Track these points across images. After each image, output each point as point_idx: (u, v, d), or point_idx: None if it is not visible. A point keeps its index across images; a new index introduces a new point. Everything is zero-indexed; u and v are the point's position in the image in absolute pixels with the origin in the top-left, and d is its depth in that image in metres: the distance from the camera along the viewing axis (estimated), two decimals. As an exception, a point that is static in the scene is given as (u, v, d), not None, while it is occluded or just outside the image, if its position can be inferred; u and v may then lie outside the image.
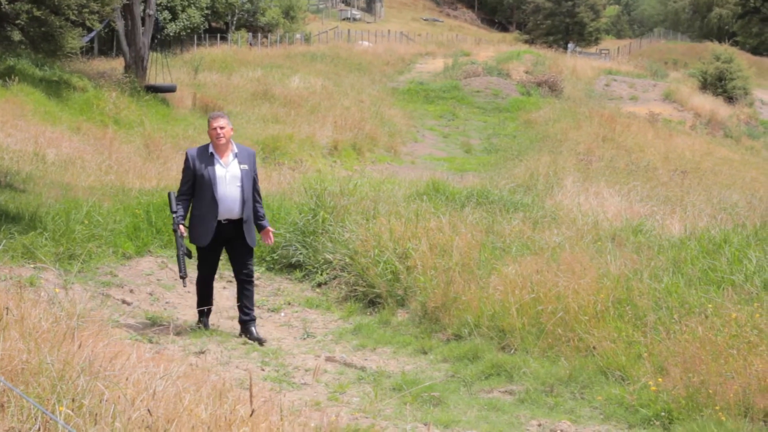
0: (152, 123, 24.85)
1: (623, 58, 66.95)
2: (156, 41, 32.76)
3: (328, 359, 8.29)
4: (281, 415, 4.97)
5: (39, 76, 25.25)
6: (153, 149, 21.24)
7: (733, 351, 6.74)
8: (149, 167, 18.66)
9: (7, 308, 5.37)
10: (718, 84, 50.31)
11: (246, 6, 54.43)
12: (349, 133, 28.81)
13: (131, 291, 9.96)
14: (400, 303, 9.68)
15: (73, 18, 21.20)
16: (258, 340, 8.64)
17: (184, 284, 8.67)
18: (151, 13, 30.87)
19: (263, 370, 7.89)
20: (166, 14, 44.69)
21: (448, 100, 40.28)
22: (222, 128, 8.47)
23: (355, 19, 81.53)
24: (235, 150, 8.59)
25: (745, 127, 43.41)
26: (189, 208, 8.61)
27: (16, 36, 21.29)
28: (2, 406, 4.33)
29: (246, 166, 8.57)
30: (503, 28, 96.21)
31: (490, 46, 63.46)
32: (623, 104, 43.76)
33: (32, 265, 9.55)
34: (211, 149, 8.52)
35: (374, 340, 8.90)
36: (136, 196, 13.04)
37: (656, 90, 48.29)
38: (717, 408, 6.27)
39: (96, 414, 4.34)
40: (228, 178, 8.46)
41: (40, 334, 5.23)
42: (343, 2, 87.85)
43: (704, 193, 18.37)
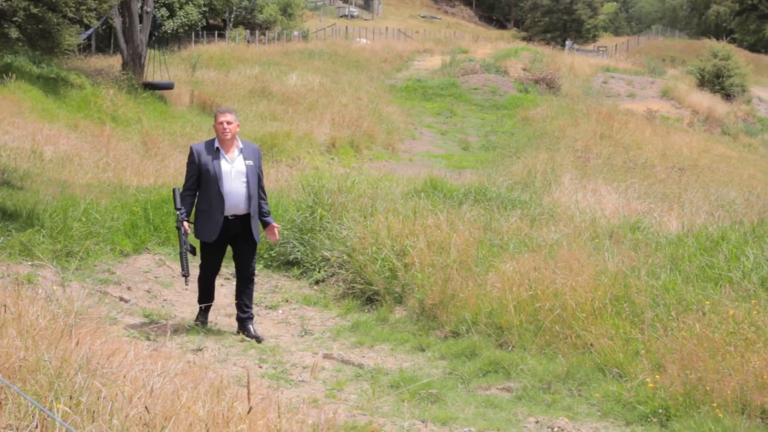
0: (150, 120, 24.84)
1: (621, 56, 66.93)
2: (154, 38, 32.68)
3: (326, 356, 8.29)
4: (279, 413, 4.96)
5: (36, 74, 25.23)
6: (150, 146, 21.23)
7: (730, 348, 6.74)
8: (147, 164, 18.64)
9: (4, 305, 5.37)
10: (715, 81, 50.30)
11: (244, 3, 54.44)
12: (347, 131, 28.79)
13: (129, 288, 9.95)
14: (398, 300, 9.68)
15: (70, 15, 21.18)
16: (256, 338, 8.64)
17: (186, 282, 8.63)
18: (148, 10, 30.84)
19: (261, 367, 7.89)
20: (164, 11, 44.68)
21: (445, 98, 40.26)
22: (229, 123, 8.41)
23: (352, 17, 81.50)
24: (240, 146, 8.54)
25: (743, 124, 43.40)
26: (194, 204, 8.56)
27: (14, 33, 21.29)
28: (0, 403, 4.33)
29: (251, 162, 8.52)
30: (501, 26, 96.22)
31: (488, 44, 63.40)
32: (621, 101, 43.72)
33: (30, 263, 9.55)
34: (216, 144, 8.46)
35: (372, 337, 8.90)
36: (133, 194, 13.04)
37: (654, 87, 48.27)
38: (714, 405, 6.27)
39: (93, 411, 4.34)
40: (233, 174, 8.41)
41: (38, 331, 5.23)
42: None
43: (702, 190, 18.36)
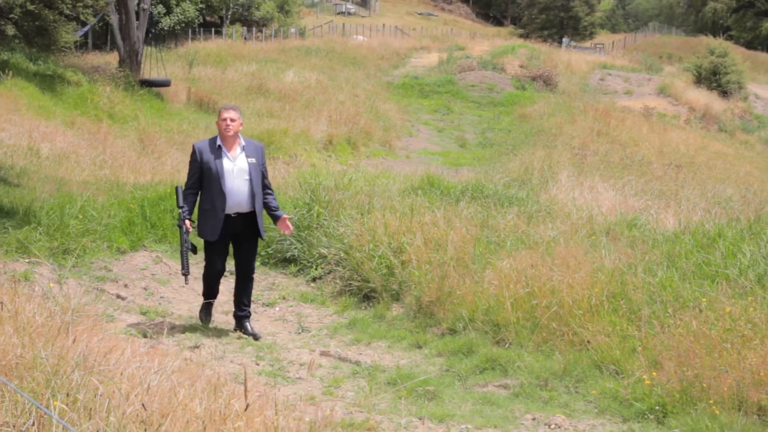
0: (147, 117, 24.81)
1: (618, 53, 66.93)
2: (150, 35, 32.61)
3: (323, 354, 8.30)
4: (276, 410, 4.97)
5: (33, 71, 25.19)
6: (147, 144, 21.20)
7: (727, 345, 6.75)
8: (144, 162, 18.63)
9: (1, 303, 5.37)
10: (712, 78, 50.32)
11: (240, 0, 54.35)
12: (344, 128, 28.78)
13: (126, 286, 9.95)
14: (395, 297, 9.69)
15: (67, 12, 21.17)
16: (253, 335, 8.63)
17: (186, 281, 8.57)
18: (145, 7, 30.78)
19: (258, 364, 7.89)
20: (161, 8, 44.61)
21: (442, 95, 40.25)
22: (232, 120, 8.37)
23: (349, 14, 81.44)
24: (242, 143, 8.50)
25: (740, 121, 43.43)
26: (196, 202, 8.53)
27: (10, 30, 21.28)
28: (-4, 400, 4.33)
29: (254, 160, 8.47)
30: (498, 23, 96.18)
31: (485, 41, 63.41)
32: (618, 98, 43.76)
33: (26, 260, 9.53)
34: (218, 142, 8.42)
35: (369, 334, 8.91)
36: (130, 191, 13.02)
37: (651, 84, 48.30)
38: (711, 402, 6.28)
39: (90, 408, 4.34)
40: (236, 172, 8.37)
41: (35, 328, 5.23)
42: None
43: (698, 188, 18.37)
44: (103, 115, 23.71)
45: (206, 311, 8.90)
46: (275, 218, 8.78)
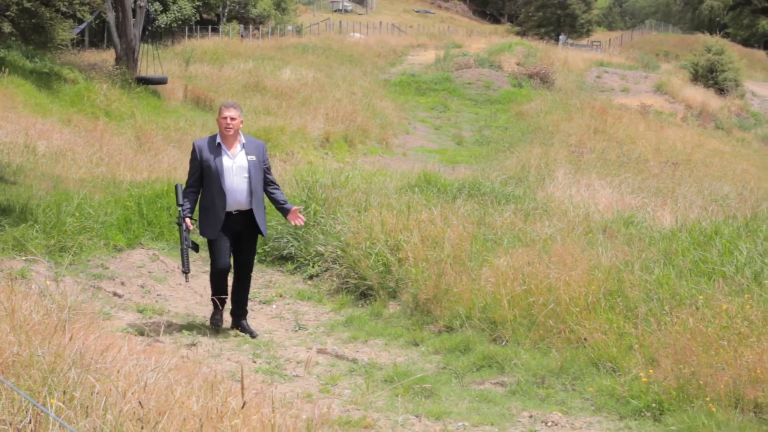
0: (143, 115, 24.80)
1: (615, 50, 66.94)
2: (147, 33, 32.64)
3: (320, 351, 8.30)
4: (273, 407, 4.96)
5: (29, 68, 25.18)
6: (144, 141, 21.18)
7: (723, 342, 6.76)
8: (140, 159, 18.62)
9: (-3, 301, 5.36)
10: (709, 76, 50.36)
11: (237, -3, 54.36)
12: (341, 125, 28.78)
13: (122, 283, 9.94)
14: (392, 295, 9.69)
15: (63, 9, 21.15)
16: (250, 333, 8.63)
17: (186, 279, 8.49)
18: (142, 4, 30.77)
19: (255, 362, 7.89)
20: (157, 6, 44.59)
21: (439, 92, 40.26)
22: (233, 119, 8.33)
23: (346, 11, 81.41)
24: (242, 141, 8.46)
25: (736, 118, 43.50)
26: (197, 200, 8.48)
27: (7, 27, 21.24)
28: (-7, 398, 4.33)
29: (254, 157, 8.43)
30: (495, 20, 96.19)
31: (482, 38, 63.43)
32: (615, 96, 43.79)
33: (23, 258, 9.53)
34: (218, 140, 8.40)
35: (366, 332, 8.91)
36: (127, 189, 13.01)
37: (648, 82, 48.34)
38: (707, 399, 6.29)
39: (87, 406, 4.33)
40: (235, 169, 8.34)
41: (31, 326, 5.22)
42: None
43: (695, 185, 18.38)
44: (99, 113, 23.71)
45: (217, 317, 8.72)
46: (284, 212, 8.72)
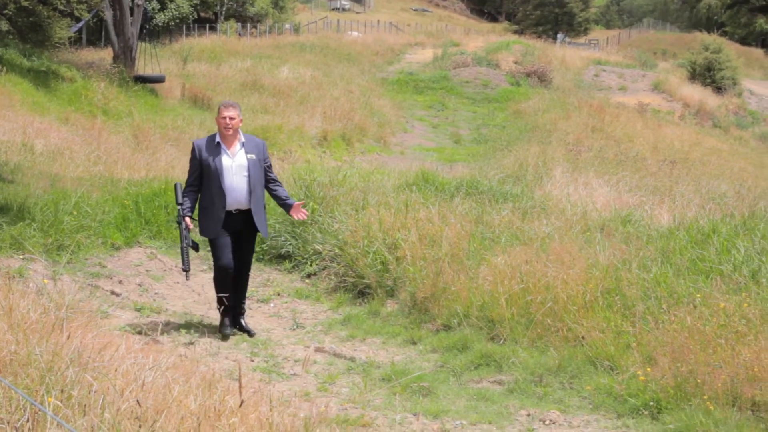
0: (141, 113, 24.79)
1: (612, 49, 66.98)
2: (145, 31, 32.62)
3: (318, 350, 8.30)
4: (270, 406, 4.97)
5: (27, 67, 25.15)
6: (142, 140, 21.17)
7: (721, 341, 6.76)
8: (138, 158, 18.60)
9: (-5, 299, 5.36)
10: (706, 74, 50.37)
11: (235, -4, 54.34)
12: (339, 124, 28.78)
13: (120, 282, 9.94)
14: (390, 293, 9.68)
15: (61, 8, 21.16)
16: (247, 331, 8.62)
17: (186, 278, 8.44)
18: (139, 3, 30.75)
19: (252, 360, 7.89)
20: (155, 4, 44.56)
21: (437, 91, 40.26)
22: (232, 118, 8.28)
23: (344, 10, 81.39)
24: (242, 140, 8.43)
25: (734, 117, 43.50)
26: (197, 200, 8.44)
27: (4, 26, 21.24)
28: (-9, 397, 4.32)
29: (253, 156, 8.40)
30: (492, 19, 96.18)
31: (480, 37, 63.44)
32: (612, 94, 43.79)
33: (21, 256, 9.52)
34: (217, 139, 8.36)
35: (364, 330, 8.90)
36: (124, 187, 13.00)
37: (645, 80, 48.33)
38: (705, 397, 6.29)
39: (85, 405, 4.33)
40: (234, 168, 8.30)
41: (29, 325, 5.22)
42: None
43: (693, 183, 18.39)
44: (97, 111, 23.69)
45: (227, 332, 8.52)
46: (287, 207, 8.67)
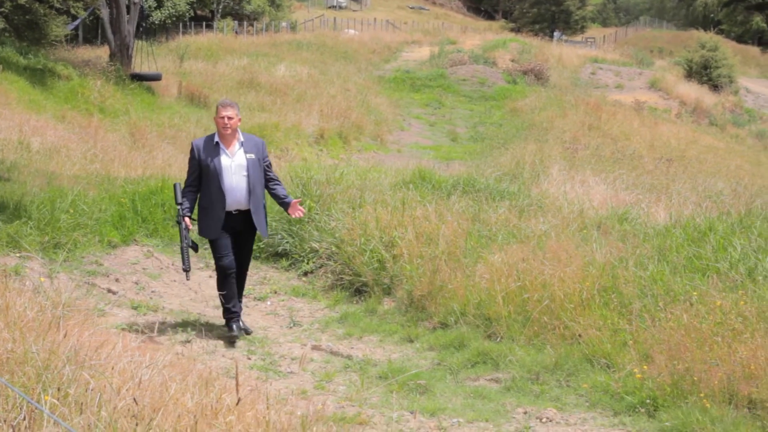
0: (138, 111, 24.75)
1: (609, 47, 67.00)
2: (141, 29, 32.52)
3: (315, 348, 8.30)
4: (267, 404, 4.97)
5: (23, 65, 25.10)
6: (138, 138, 21.15)
7: (717, 338, 6.78)
8: (135, 156, 18.59)
9: (-9, 298, 5.36)
10: (703, 72, 50.42)
11: (231, -6, 54.28)
12: (336, 122, 28.77)
13: (117, 280, 9.93)
14: (387, 291, 9.68)
15: (57, 6, 21.14)
16: (244, 330, 8.61)
17: (187, 278, 8.38)
18: (136, 0, 30.68)
19: (249, 358, 7.90)
20: (152, 2, 44.49)
21: (434, 89, 40.25)
22: (230, 118, 8.22)
23: (341, 7, 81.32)
24: (241, 139, 8.37)
25: (730, 115, 43.52)
26: (196, 200, 8.40)
27: (0, 24, 21.20)
28: (-13, 395, 4.32)
29: (253, 155, 8.34)
30: (489, 17, 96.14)
31: (476, 35, 63.36)
32: (609, 92, 43.77)
33: (17, 254, 9.51)
34: (216, 139, 8.31)
35: (360, 328, 8.91)
36: (121, 185, 12.99)
37: (642, 78, 48.34)
38: (702, 395, 6.30)
39: (82, 403, 4.33)
40: (234, 168, 8.25)
41: (25, 323, 5.21)
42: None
43: (689, 181, 18.42)
44: (93, 109, 23.65)
45: (233, 329, 8.38)
46: (285, 206, 8.62)
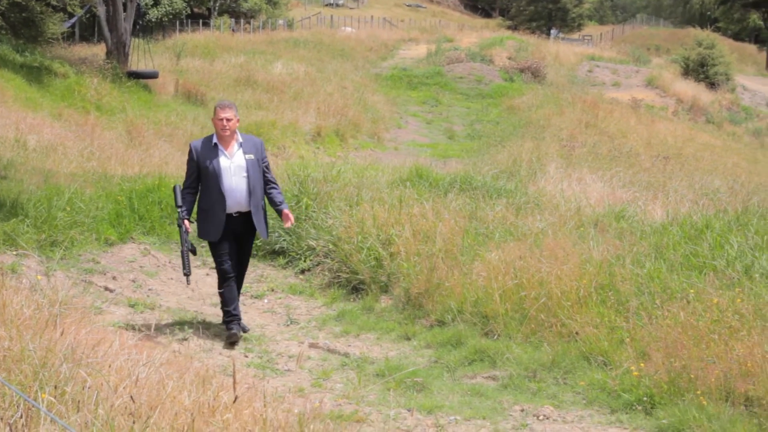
0: (134, 109, 24.73)
1: (606, 44, 66.98)
2: (138, 27, 32.51)
3: (312, 346, 8.30)
4: (264, 402, 4.97)
5: (20, 62, 25.07)
6: (135, 136, 21.13)
7: (714, 336, 6.78)
8: (131, 154, 18.58)
9: (-12, 296, 5.35)
10: (700, 70, 50.42)
11: (228, -9, 54.23)
12: (333, 120, 28.75)
13: (114, 278, 9.92)
14: (384, 289, 9.69)
15: (54, 3, 21.08)
16: (242, 328, 8.60)
17: (187, 282, 8.31)
18: (132, -2, 30.67)
19: (247, 356, 7.89)
20: (148, 0, 44.44)
21: (431, 87, 40.23)
22: (229, 120, 8.15)
23: (338, 5, 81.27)
24: (240, 140, 8.30)
25: (727, 112, 43.56)
26: (195, 201, 8.36)
27: (-4, 21, 21.15)
28: (-16, 393, 4.32)
29: (252, 156, 8.27)
30: (486, 14, 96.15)
31: (473, 32, 63.31)
32: (606, 90, 43.77)
33: (14, 252, 9.50)
34: (215, 140, 8.24)
35: (358, 326, 8.91)
36: (118, 183, 12.98)
37: (639, 76, 48.34)
38: (698, 393, 6.31)
39: (79, 401, 4.33)
40: (233, 169, 8.18)
41: (22, 321, 5.21)
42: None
43: (686, 179, 18.42)
44: (90, 107, 23.63)
45: (232, 330, 8.28)
46: (279, 212, 8.59)
